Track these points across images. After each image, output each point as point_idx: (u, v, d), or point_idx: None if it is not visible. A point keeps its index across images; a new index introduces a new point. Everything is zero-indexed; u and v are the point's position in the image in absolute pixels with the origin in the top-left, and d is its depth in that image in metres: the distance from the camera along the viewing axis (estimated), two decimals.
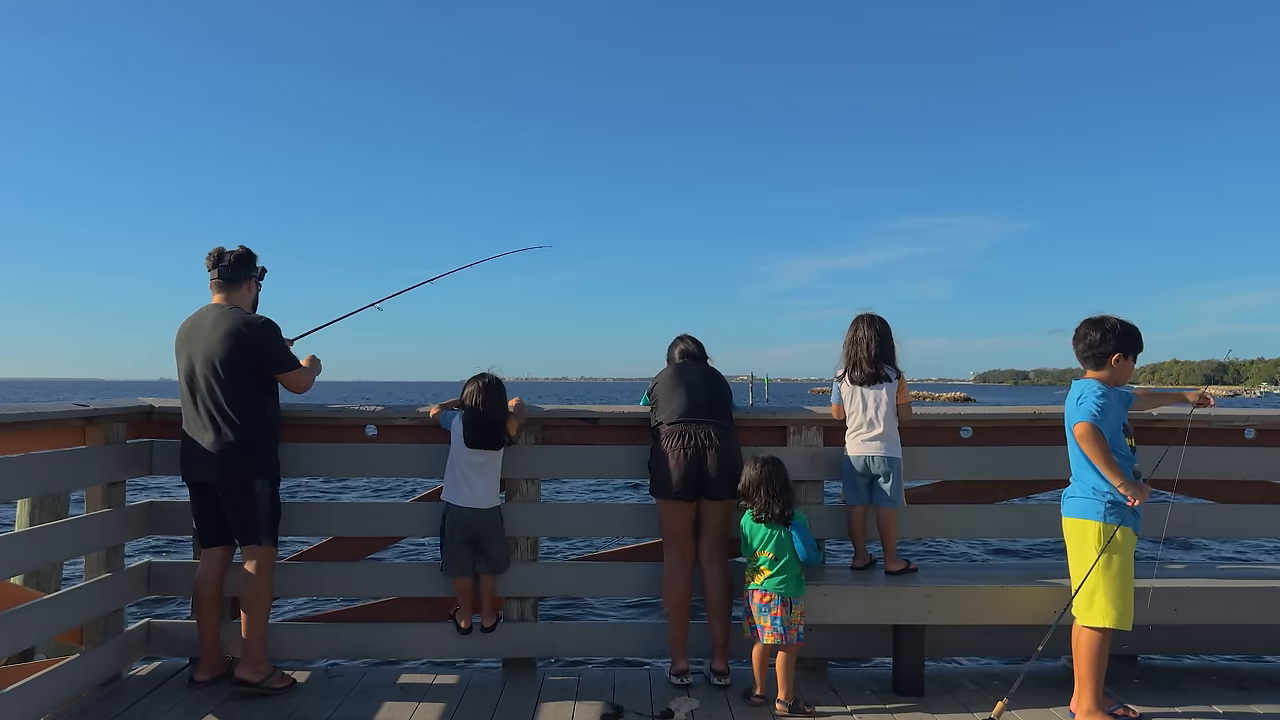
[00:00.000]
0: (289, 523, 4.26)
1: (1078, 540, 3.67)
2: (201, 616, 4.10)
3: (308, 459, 4.43)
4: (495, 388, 4.25)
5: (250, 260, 4.18)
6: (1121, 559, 3.57)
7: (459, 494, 4.20)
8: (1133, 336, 3.74)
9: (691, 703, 3.92)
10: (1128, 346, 3.71)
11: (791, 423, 4.50)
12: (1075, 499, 3.70)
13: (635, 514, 4.52)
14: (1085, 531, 3.62)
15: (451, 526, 4.21)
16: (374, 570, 4.56)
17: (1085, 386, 3.67)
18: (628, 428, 4.51)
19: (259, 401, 4.01)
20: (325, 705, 3.90)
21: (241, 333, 3.95)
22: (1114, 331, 3.70)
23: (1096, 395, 3.60)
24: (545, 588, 4.52)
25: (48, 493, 4.08)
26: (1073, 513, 3.70)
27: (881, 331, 4.30)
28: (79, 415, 3.91)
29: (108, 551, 4.09)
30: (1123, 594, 3.57)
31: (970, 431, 4.60)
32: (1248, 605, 4.03)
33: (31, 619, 3.55)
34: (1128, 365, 3.72)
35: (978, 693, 4.06)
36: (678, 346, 4.51)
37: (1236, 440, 4.57)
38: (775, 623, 3.79)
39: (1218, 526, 4.73)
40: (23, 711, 3.41)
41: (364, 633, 4.46)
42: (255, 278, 4.25)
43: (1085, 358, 3.75)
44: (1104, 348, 3.69)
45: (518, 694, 4.06)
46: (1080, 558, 3.64)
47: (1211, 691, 4.11)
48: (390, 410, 4.47)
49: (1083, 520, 3.64)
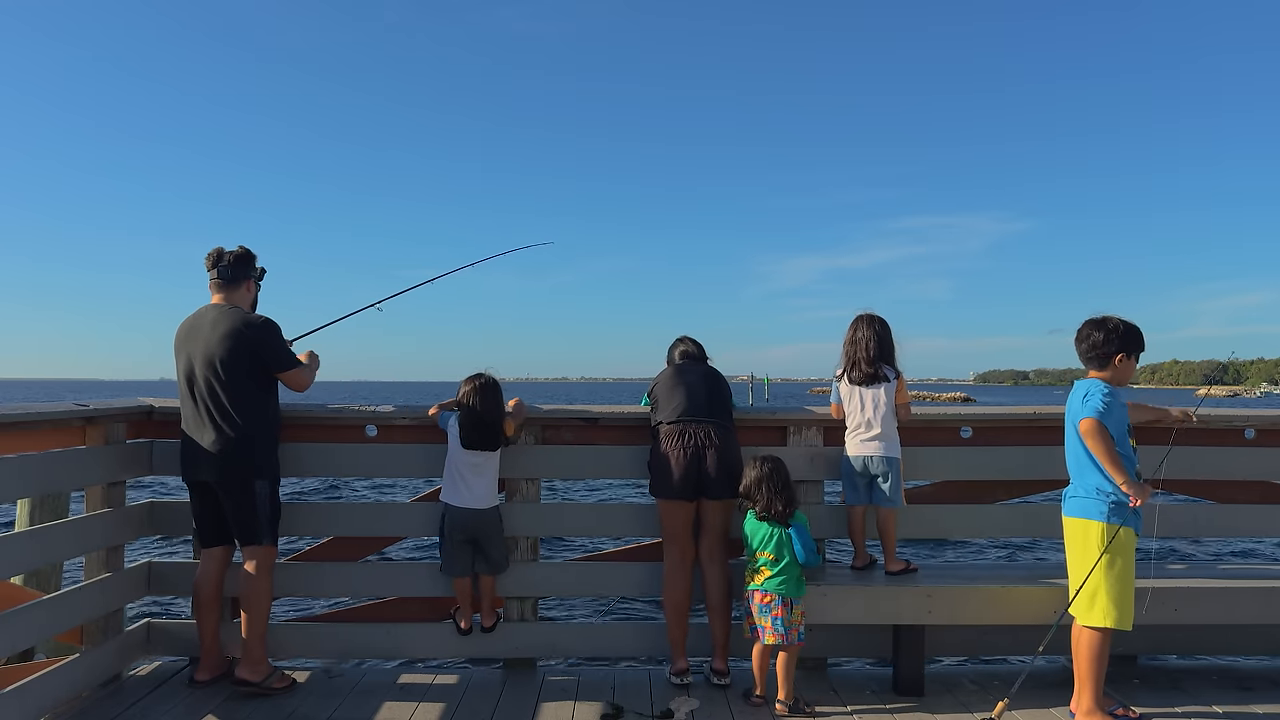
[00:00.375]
0: (289, 523, 4.26)
1: (1079, 540, 3.66)
2: (201, 616, 4.10)
3: (308, 459, 4.43)
4: (491, 388, 4.24)
5: (249, 261, 4.18)
6: (1124, 559, 3.57)
7: (457, 494, 4.20)
8: (1135, 336, 3.74)
9: (691, 703, 3.92)
10: (1131, 346, 3.72)
11: (791, 423, 4.50)
12: (1077, 499, 3.69)
13: (635, 514, 4.52)
14: (1088, 531, 3.62)
15: (451, 527, 4.20)
16: (374, 570, 4.56)
17: (1091, 385, 3.67)
18: (628, 428, 4.51)
19: (259, 401, 4.01)
20: (325, 705, 3.90)
21: (242, 332, 3.95)
22: (1117, 332, 3.70)
23: (1103, 394, 3.60)
24: (545, 588, 4.52)
25: (48, 493, 4.09)
26: (1075, 512, 3.69)
27: (880, 332, 4.30)
28: (79, 415, 3.91)
29: (108, 551, 4.09)
30: (1124, 594, 3.57)
31: (970, 431, 4.60)
32: (1248, 605, 4.03)
33: (31, 619, 3.55)
34: (1130, 365, 3.72)
35: (978, 693, 4.07)
36: (678, 348, 4.51)
37: (1236, 440, 4.57)
38: (776, 623, 3.79)
39: (1218, 526, 4.73)
40: (23, 711, 3.41)
41: (364, 633, 4.46)
42: (254, 278, 4.25)
43: (1089, 358, 3.75)
44: (1107, 348, 3.70)
45: (518, 694, 4.06)
46: (1082, 558, 3.63)
47: (1212, 691, 4.11)
48: (390, 410, 4.47)
49: (1085, 520, 3.63)
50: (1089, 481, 3.64)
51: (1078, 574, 3.64)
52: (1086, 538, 3.62)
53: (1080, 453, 3.66)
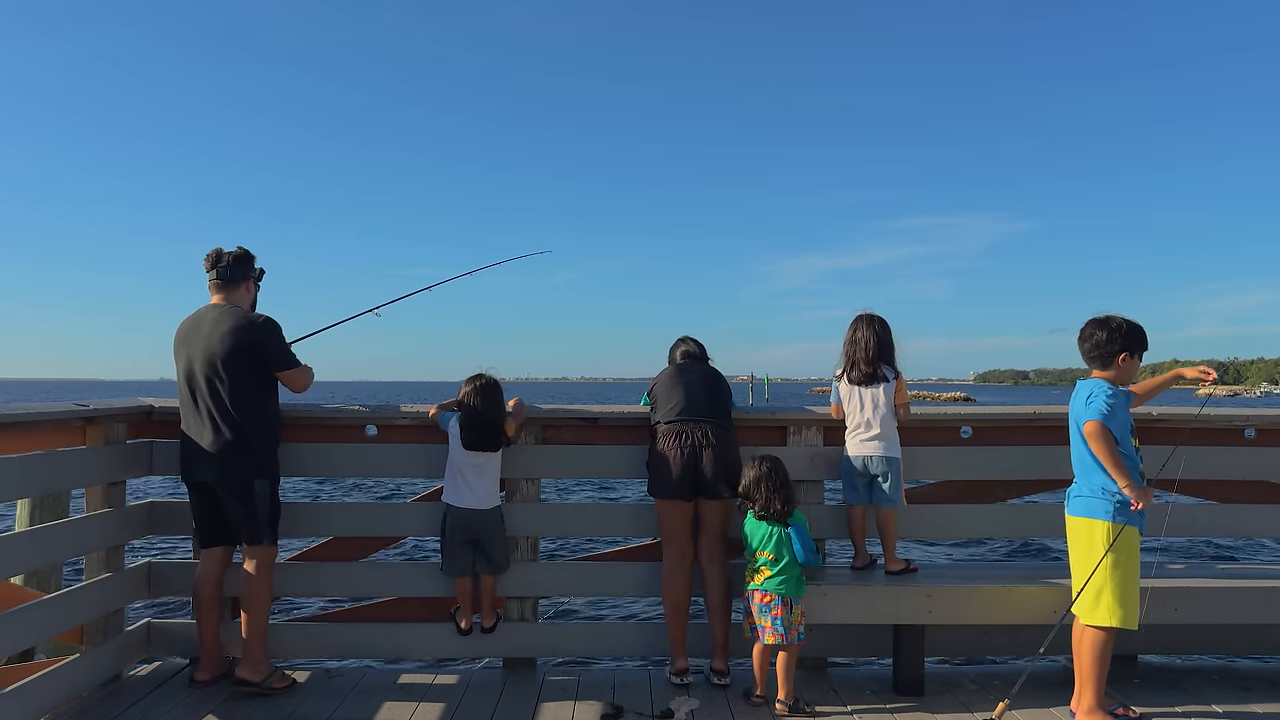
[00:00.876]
0: (289, 523, 4.26)
1: (1084, 539, 3.65)
2: (201, 616, 4.10)
3: (308, 459, 4.43)
4: (492, 389, 4.24)
5: (248, 261, 4.18)
6: (1128, 559, 3.57)
7: (459, 495, 4.20)
8: (1139, 336, 3.73)
9: (691, 703, 3.92)
10: (1134, 346, 3.70)
11: (791, 423, 4.50)
12: (1083, 498, 3.68)
13: (635, 514, 4.52)
14: (1093, 531, 3.61)
15: (452, 527, 4.20)
16: (374, 570, 4.56)
17: (1095, 386, 3.66)
18: (628, 428, 4.51)
19: (259, 400, 4.01)
20: (325, 705, 3.90)
21: (243, 330, 3.95)
22: (1120, 331, 3.69)
23: (1107, 395, 3.59)
24: (545, 588, 4.52)
25: (48, 493, 4.09)
26: (1079, 511, 3.68)
27: (880, 332, 4.30)
28: (79, 415, 3.91)
29: (108, 551, 4.09)
30: (1129, 594, 3.56)
31: (970, 431, 4.60)
32: (1248, 605, 4.03)
33: (31, 619, 3.55)
34: (1133, 365, 3.71)
35: (978, 693, 4.07)
36: (679, 348, 4.51)
37: (1236, 440, 4.57)
38: (776, 623, 3.79)
39: (1218, 526, 4.73)
40: (23, 711, 3.41)
41: (364, 633, 4.46)
42: (253, 278, 4.25)
43: (1092, 357, 3.74)
44: (1111, 347, 3.68)
45: (518, 694, 4.06)
46: (1086, 557, 3.62)
47: (1212, 691, 4.11)
48: (390, 410, 4.47)
49: (1090, 519, 3.63)
50: (1094, 481, 3.63)
51: (1081, 573, 3.64)
52: (1091, 537, 3.61)
53: (1084, 453, 3.65)
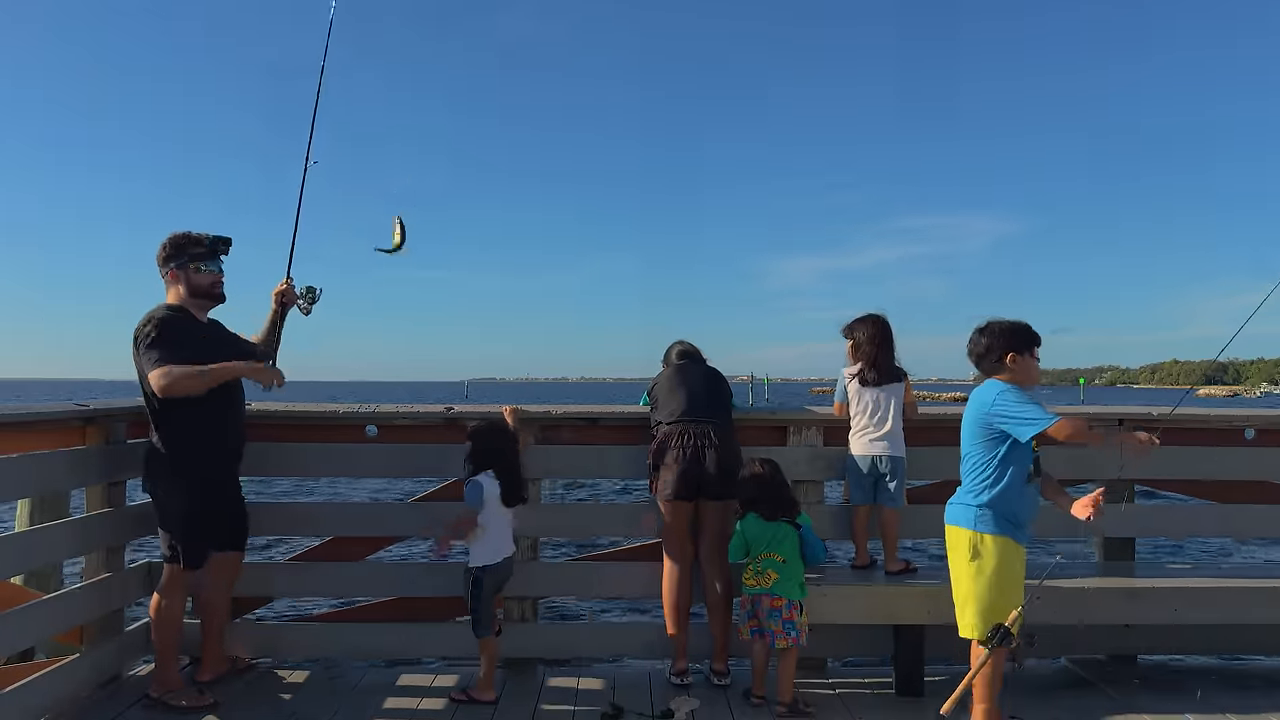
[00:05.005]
0: (292, 524, 4.25)
1: (951, 548, 3.55)
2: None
3: (308, 459, 4.43)
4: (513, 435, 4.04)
5: (165, 249, 3.83)
6: (997, 571, 3.40)
7: (497, 551, 3.91)
8: (1022, 333, 3.56)
9: (692, 703, 3.92)
10: (1019, 344, 3.53)
11: (791, 423, 4.50)
12: (953, 505, 3.57)
13: (635, 514, 4.52)
14: (958, 539, 3.50)
15: (490, 588, 3.91)
16: (374, 570, 4.56)
17: (997, 388, 3.47)
18: (628, 428, 4.51)
19: (160, 404, 3.70)
20: (325, 705, 3.90)
21: (135, 332, 3.72)
22: (1000, 333, 3.54)
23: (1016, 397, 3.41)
24: (545, 588, 4.51)
25: (48, 493, 4.09)
26: (948, 519, 3.57)
27: (888, 333, 4.32)
28: (79, 415, 3.91)
29: (108, 551, 4.08)
30: (994, 606, 3.38)
31: None
32: (1248, 605, 4.03)
33: (31, 619, 3.56)
34: (1029, 363, 3.53)
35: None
36: (675, 349, 4.51)
37: (1236, 440, 4.57)
38: (789, 627, 3.77)
39: (1218, 527, 4.73)
40: (23, 711, 3.41)
41: (364, 633, 4.46)
42: (176, 265, 3.83)
43: (982, 366, 3.59)
44: (994, 352, 3.53)
45: (518, 694, 4.06)
46: (954, 566, 3.54)
47: (1212, 691, 4.11)
48: (390, 410, 4.47)
49: (955, 527, 3.52)
50: (964, 486, 3.53)
51: (953, 582, 3.55)
52: (957, 545, 3.51)
53: (974, 458, 3.50)
